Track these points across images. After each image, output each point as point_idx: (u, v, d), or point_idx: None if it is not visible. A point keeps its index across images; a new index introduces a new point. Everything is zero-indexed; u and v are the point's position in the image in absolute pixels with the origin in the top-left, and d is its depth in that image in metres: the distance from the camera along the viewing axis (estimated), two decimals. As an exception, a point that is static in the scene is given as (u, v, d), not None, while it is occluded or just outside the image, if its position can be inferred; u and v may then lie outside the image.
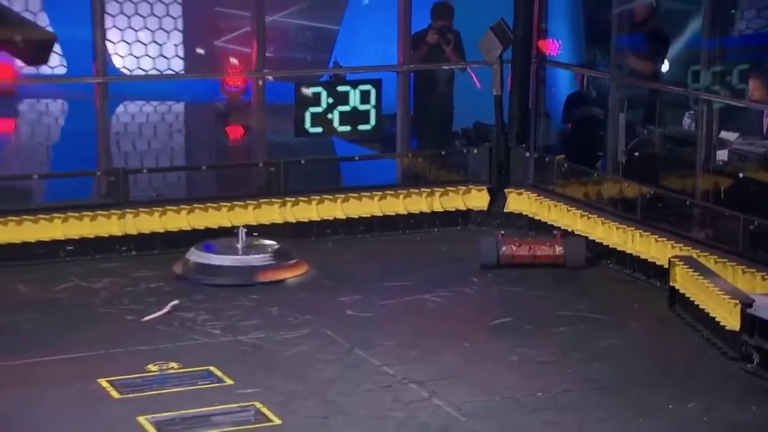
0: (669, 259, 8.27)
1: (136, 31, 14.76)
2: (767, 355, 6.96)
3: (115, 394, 6.61)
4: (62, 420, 6.27)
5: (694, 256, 8.24)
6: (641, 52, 10.51)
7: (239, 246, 8.84)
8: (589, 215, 9.49)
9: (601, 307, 8.20)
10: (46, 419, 6.28)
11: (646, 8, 10.61)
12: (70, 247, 9.02)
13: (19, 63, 11.31)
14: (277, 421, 6.27)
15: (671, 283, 8.10)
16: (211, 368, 6.97)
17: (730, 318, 7.26)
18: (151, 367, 6.99)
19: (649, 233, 8.87)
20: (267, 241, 9.06)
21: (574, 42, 12.22)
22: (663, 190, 9.29)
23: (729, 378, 7.00)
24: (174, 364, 7.03)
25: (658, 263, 8.62)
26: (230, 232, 9.33)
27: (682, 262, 8.05)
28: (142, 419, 6.24)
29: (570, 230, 9.49)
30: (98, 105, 9.62)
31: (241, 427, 6.21)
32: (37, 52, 10.32)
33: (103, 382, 6.73)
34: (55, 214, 9.09)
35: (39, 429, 6.16)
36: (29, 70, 11.45)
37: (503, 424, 6.30)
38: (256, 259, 8.75)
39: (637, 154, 10.02)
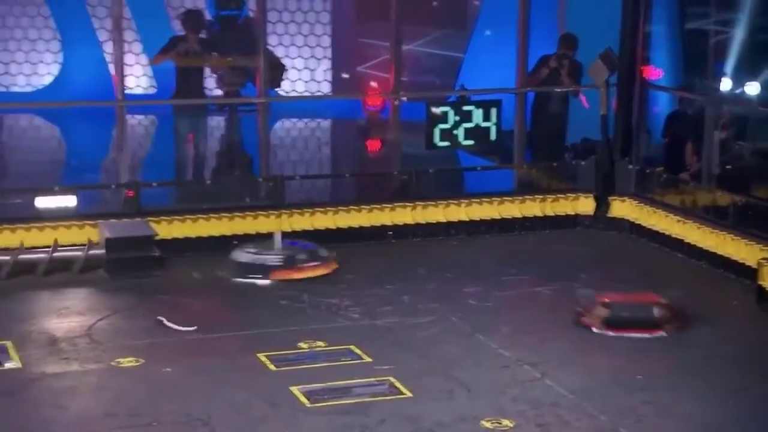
0: (758, 260, 8.04)
1: (292, 59, 14.98)
2: None
3: (271, 366, 6.71)
4: (227, 388, 6.38)
5: (781, 258, 8.02)
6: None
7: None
8: (685, 221, 9.31)
9: (695, 302, 7.98)
10: (213, 387, 6.40)
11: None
12: (236, 242, 9.08)
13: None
14: (409, 394, 6.28)
15: (760, 282, 7.87)
16: (352, 347, 7.01)
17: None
18: (302, 344, 7.05)
19: (739, 237, 8.66)
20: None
21: (674, 68, 11.99)
22: (753, 198, 9.05)
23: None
24: (321, 343, 7.08)
25: (747, 264, 8.38)
26: (370, 231, 9.40)
27: (770, 264, 7.85)
28: (294, 389, 6.32)
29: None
30: (260, 121, 9.77)
31: (378, 398, 6.23)
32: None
33: (262, 356, 6.83)
34: (224, 214, 9.24)
35: (210, 396, 6.27)
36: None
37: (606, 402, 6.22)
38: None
39: (729, 166, 9.81)
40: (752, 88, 10.27)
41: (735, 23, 10.42)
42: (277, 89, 12.30)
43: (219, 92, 11.81)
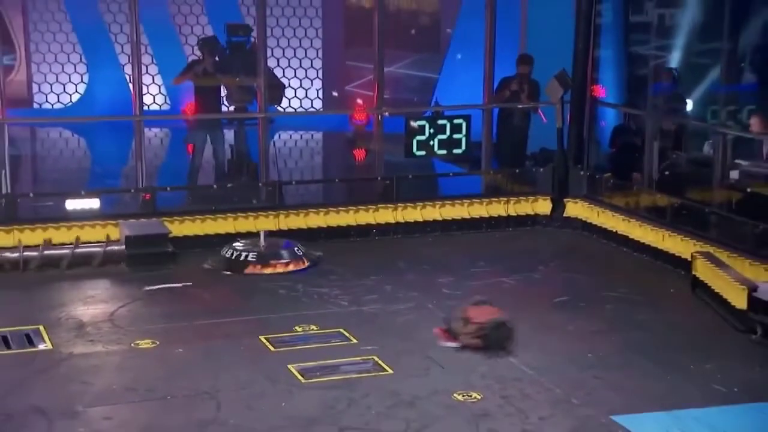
0: (692, 253, 8.09)
1: (289, 79, 14.97)
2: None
3: (271, 347, 6.72)
4: (234, 367, 6.39)
5: (712, 251, 8.06)
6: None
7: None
8: (629, 219, 9.34)
9: (638, 290, 8.07)
10: (222, 366, 6.40)
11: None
12: (239, 239, 9.00)
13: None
14: (390, 371, 6.30)
15: (693, 272, 7.93)
16: (341, 330, 7.02)
17: (739, 299, 7.09)
18: (297, 328, 7.06)
19: (675, 234, 8.70)
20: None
21: (619, 87, 12.04)
22: (687, 200, 9.10)
23: (738, 345, 6.84)
24: (314, 327, 7.10)
25: (682, 257, 8.43)
26: (357, 229, 9.38)
27: (702, 256, 7.88)
28: (291, 366, 6.34)
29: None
30: (261, 133, 9.76)
31: (363, 375, 6.25)
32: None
33: (263, 339, 6.84)
34: (229, 214, 9.24)
35: (217, 373, 6.27)
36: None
37: (562, 377, 6.25)
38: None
39: (667, 173, 9.84)
40: (686, 105, 10.30)
41: (671, 49, 10.50)
42: (276, 105, 12.27)
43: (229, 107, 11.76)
